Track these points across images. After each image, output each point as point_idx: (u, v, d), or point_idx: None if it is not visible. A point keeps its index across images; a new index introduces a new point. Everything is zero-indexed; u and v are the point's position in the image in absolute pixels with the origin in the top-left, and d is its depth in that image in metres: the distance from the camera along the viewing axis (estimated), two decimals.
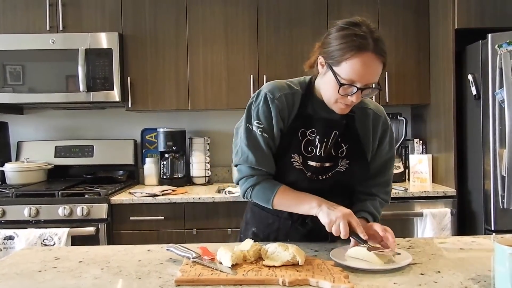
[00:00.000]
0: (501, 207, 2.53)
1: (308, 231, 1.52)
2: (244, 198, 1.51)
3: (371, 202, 1.52)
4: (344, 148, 1.47)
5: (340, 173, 1.47)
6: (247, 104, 1.50)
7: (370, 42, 1.28)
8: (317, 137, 1.45)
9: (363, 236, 1.29)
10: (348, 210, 1.33)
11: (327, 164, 1.46)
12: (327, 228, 1.33)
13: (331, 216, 1.31)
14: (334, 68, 1.33)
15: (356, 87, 1.31)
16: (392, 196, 2.73)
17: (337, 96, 1.35)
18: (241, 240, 1.59)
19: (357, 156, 1.49)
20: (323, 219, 1.33)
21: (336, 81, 1.32)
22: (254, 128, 1.44)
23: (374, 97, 2.97)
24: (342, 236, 1.29)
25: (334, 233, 1.31)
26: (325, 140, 1.45)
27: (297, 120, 1.45)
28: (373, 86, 1.34)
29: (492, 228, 2.57)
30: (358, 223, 1.31)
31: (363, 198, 1.55)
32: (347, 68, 1.30)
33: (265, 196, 1.45)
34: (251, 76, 3.07)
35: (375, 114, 1.53)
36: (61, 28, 3.04)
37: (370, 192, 1.56)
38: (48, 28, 3.03)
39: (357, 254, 1.28)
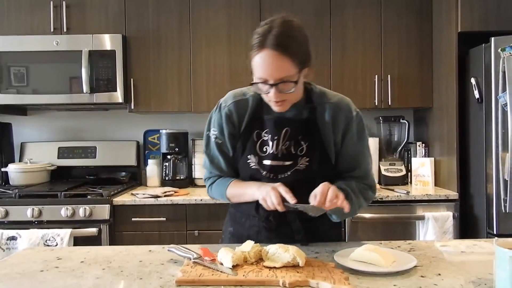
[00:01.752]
0: (503, 211, 2.53)
1: (275, 228, 1.51)
2: (210, 196, 1.65)
3: (345, 182, 1.50)
4: (304, 146, 1.48)
5: (300, 171, 1.48)
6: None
7: (269, 38, 1.32)
8: (269, 136, 1.48)
9: (291, 200, 1.30)
10: (276, 184, 1.37)
11: (287, 163, 1.48)
12: (265, 207, 1.37)
13: (263, 193, 1.36)
14: (252, 67, 1.39)
15: (268, 84, 1.34)
16: (394, 199, 2.78)
17: (264, 95, 1.41)
18: (222, 242, 1.66)
19: (317, 154, 1.49)
20: (260, 201, 1.38)
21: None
22: (211, 135, 1.57)
23: (376, 98, 3.02)
24: (278, 207, 1.32)
25: (271, 207, 1.34)
26: (276, 138, 1.48)
27: (252, 123, 1.51)
28: (289, 80, 1.35)
29: (495, 232, 2.57)
30: (286, 191, 1.32)
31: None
32: (254, 66, 1.37)
33: (220, 191, 1.58)
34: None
35: (335, 107, 1.51)
36: (65, 30, 3.05)
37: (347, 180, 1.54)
38: (52, 30, 3.04)
39: (361, 257, 1.28)
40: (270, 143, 1.48)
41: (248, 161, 1.50)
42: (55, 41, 2.99)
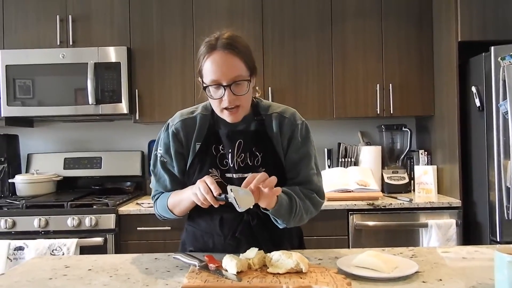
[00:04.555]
0: (506, 218, 2.53)
1: (243, 245, 1.46)
2: (157, 216, 1.64)
3: (289, 187, 1.49)
4: (259, 156, 1.51)
5: None
6: None
7: (218, 42, 1.40)
8: (226, 149, 1.51)
9: (214, 191, 1.30)
10: (204, 177, 1.36)
11: (246, 175, 1.45)
12: (198, 203, 1.35)
13: (193, 190, 1.36)
14: (203, 79, 1.43)
15: (222, 85, 1.38)
16: (397, 206, 2.79)
17: (217, 104, 1.43)
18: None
19: (272, 163, 1.51)
20: (193, 198, 1.37)
21: (206, 90, 1.42)
22: (158, 154, 1.59)
23: (378, 106, 3.05)
24: (207, 197, 1.30)
25: (201, 199, 1.32)
26: (230, 151, 1.50)
27: (209, 138, 1.53)
28: (242, 79, 1.40)
29: (498, 239, 2.57)
30: (212, 182, 1.32)
31: None
32: (205, 72, 1.41)
33: (162, 204, 1.57)
34: (256, 88, 3.11)
35: (280, 117, 1.56)
36: (71, 43, 3.11)
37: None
38: (58, 43, 3.10)
39: (364, 263, 1.30)
40: (228, 156, 1.51)
41: (211, 175, 1.49)
42: (61, 54, 3.05)
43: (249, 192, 1.29)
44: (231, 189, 1.28)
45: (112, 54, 3.05)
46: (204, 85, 1.42)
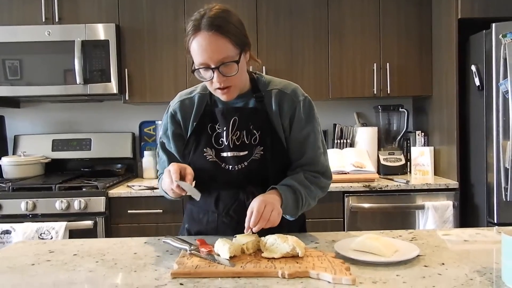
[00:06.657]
0: (504, 199, 2.50)
1: (235, 224, 1.44)
2: None
3: (293, 176, 1.46)
4: (257, 135, 1.45)
5: (256, 161, 1.45)
6: None
7: (203, 21, 1.30)
8: (221, 128, 1.47)
9: (174, 181, 1.28)
10: (170, 165, 1.35)
11: (242, 153, 1.44)
12: (168, 189, 1.35)
13: (164, 177, 1.33)
14: (192, 59, 1.36)
15: (210, 68, 1.32)
16: (393, 188, 2.75)
17: (209, 84, 1.38)
18: None
19: (270, 142, 1.45)
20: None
21: (195, 73, 1.36)
22: (160, 137, 1.60)
23: (375, 86, 2.97)
24: (171, 186, 1.29)
25: (168, 189, 1.32)
26: (225, 128, 1.46)
27: (205, 117, 1.49)
28: (231, 61, 1.32)
29: (495, 221, 2.54)
30: (174, 171, 1.29)
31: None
32: (192, 53, 1.34)
33: (160, 187, 1.53)
34: (250, 67, 3.02)
35: (280, 93, 1.48)
36: (57, 20, 2.99)
37: (295, 171, 1.49)
38: (43, 20, 2.98)
39: (363, 247, 1.24)
40: (223, 135, 1.46)
41: (205, 154, 1.46)
42: (46, 31, 2.93)
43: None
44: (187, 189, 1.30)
45: (100, 31, 2.94)
46: (193, 67, 1.36)
